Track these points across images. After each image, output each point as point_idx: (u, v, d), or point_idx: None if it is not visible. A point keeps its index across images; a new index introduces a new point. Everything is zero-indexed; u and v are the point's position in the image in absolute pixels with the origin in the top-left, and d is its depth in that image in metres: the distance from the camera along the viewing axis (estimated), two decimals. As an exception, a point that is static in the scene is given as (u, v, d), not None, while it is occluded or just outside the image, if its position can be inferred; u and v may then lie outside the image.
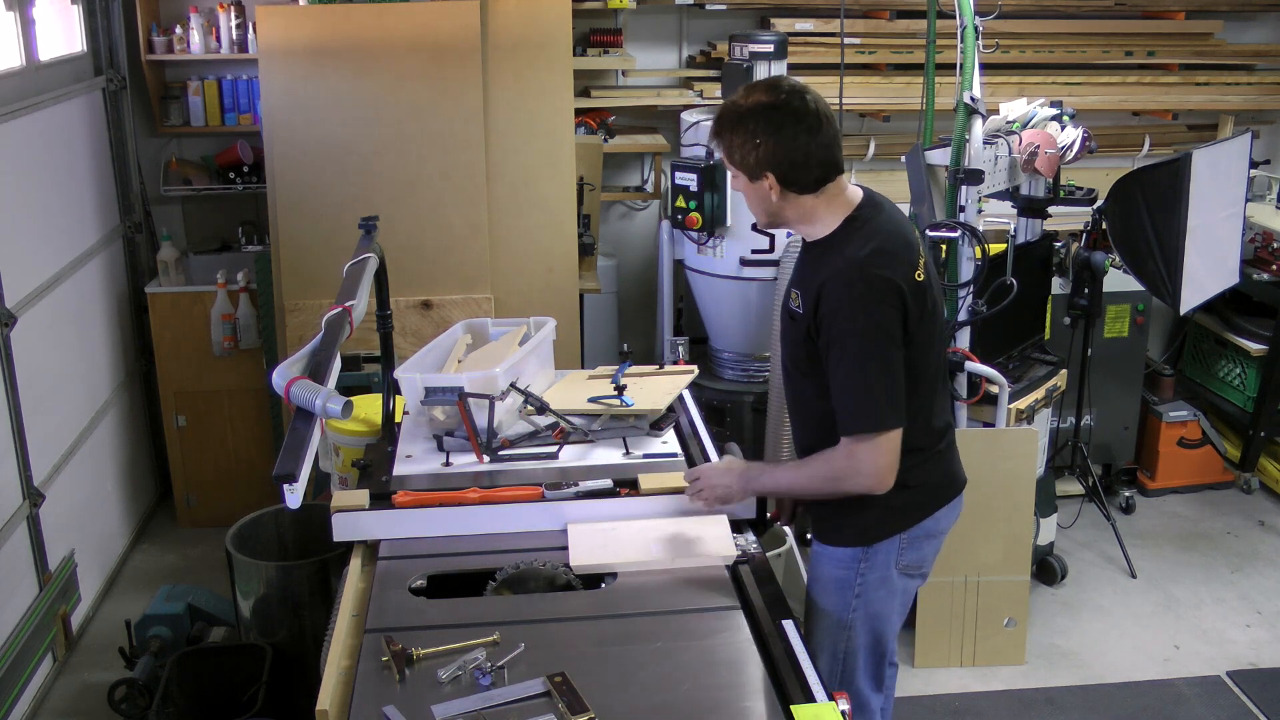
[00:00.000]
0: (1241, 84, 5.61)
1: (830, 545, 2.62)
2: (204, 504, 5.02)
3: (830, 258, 2.42)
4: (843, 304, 2.35)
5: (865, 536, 2.57)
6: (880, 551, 2.58)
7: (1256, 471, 5.37)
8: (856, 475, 2.40)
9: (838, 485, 2.45)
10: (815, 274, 2.42)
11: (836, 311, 2.36)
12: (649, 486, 2.76)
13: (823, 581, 2.65)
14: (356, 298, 2.65)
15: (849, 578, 2.60)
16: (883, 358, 2.36)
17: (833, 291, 2.36)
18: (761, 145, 2.37)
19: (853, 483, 2.42)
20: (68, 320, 4.36)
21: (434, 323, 4.55)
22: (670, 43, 5.43)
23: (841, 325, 2.36)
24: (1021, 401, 4.11)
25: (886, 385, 2.36)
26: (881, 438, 2.37)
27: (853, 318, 2.34)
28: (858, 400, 2.37)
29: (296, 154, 4.48)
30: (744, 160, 2.41)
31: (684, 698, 2.07)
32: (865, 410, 2.37)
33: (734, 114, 2.41)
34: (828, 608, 2.64)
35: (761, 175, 2.40)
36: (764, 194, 2.43)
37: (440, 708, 2.01)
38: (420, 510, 2.69)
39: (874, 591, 2.61)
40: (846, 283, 2.35)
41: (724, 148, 2.45)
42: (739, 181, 2.47)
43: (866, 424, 2.37)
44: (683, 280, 4.94)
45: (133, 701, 3.45)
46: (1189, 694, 3.93)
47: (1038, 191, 4.34)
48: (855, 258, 2.37)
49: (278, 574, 3.34)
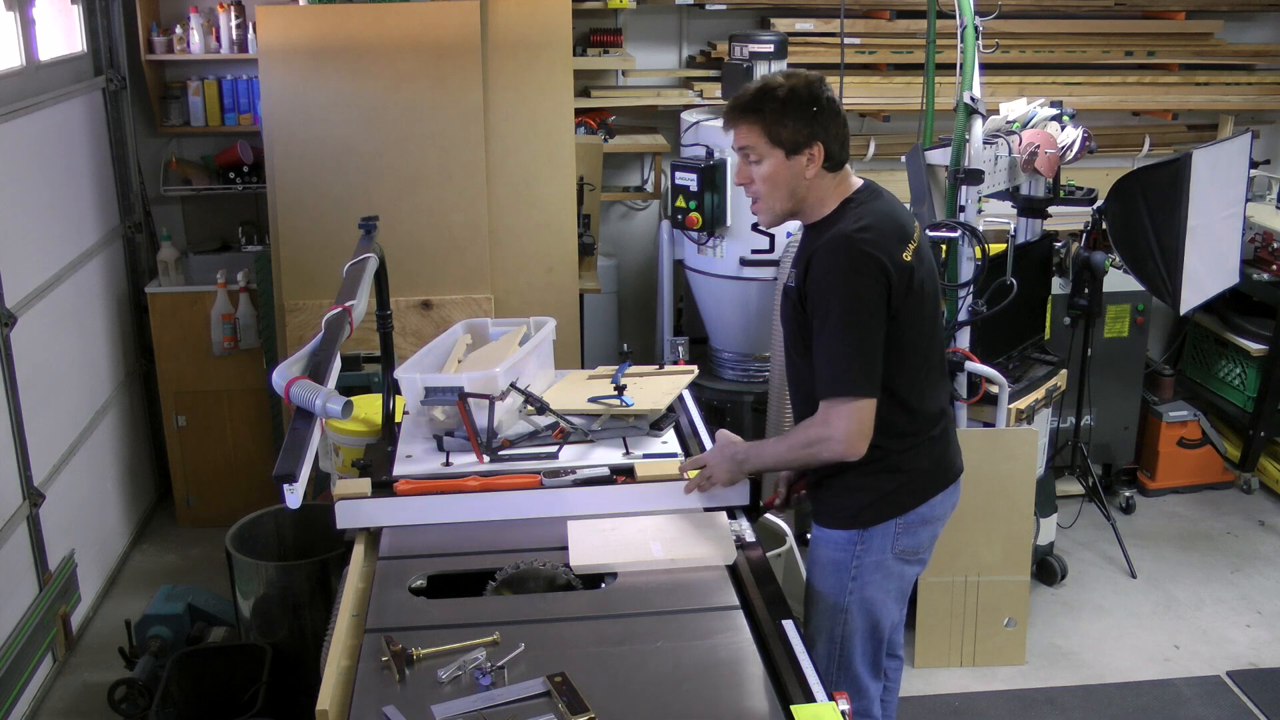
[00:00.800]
0: (1241, 84, 5.61)
1: (828, 528, 2.69)
2: (204, 504, 5.02)
3: (825, 233, 2.51)
4: (828, 273, 2.45)
5: (861, 519, 2.64)
6: (876, 535, 2.65)
7: (1256, 471, 5.37)
8: (830, 440, 2.48)
9: (813, 451, 2.52)
10: (813, 245, 2.53)
11: (821, 279, 2.46)
12: (645, 474, 2.80)
13: (821, 564, 2.71)
14: (356, 298, 2.65)
15: (845, 560, 2.66)
16: (862, 328, 2.44)
17: (819, 261, 2.47)
18: (816, 119, 2.48)
19: (827, 448, 2.49)
20: (68, 320, 4.36)
21: (434, 323, 4.55)
22: (670, 43, 5.43)
23: (825, 293, 2.45)
24: (1021, 401, 4.11)
25: (863, 354, 2.45)
26: (855, 404, 2.45)
27: (835, 287, 2.45)
28: (835, 366, 2.46)
29: (296, 154, 4.48)
30: (793, 134, 2.47)
31: (684, 698, 2.07)
32: (840, 375, 2.45)
33: (784, 91, 2.48)
34: (824, 590, 2.70)
35: (809, 148, 2.48)
36: (798, 170, 2.50)
37: (440, 708, 2.01)
38: (421, 498, 2.72)
39: (869, 575, 2.67)
40: (832, 253, 2.45)
41: (764, 124, 2.48)
42: (770, 163, 2.50)
43: (840, 388, 2.45)
44: (683, 280, 4.95)
45: (133, 701, 3.45)
46: (1189, 694, 3.93)
47: (1038, 191, 4.34)
48: (844, 231, 2.47)
49: (278, 574, 3.34)
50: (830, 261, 2.45)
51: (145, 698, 3.43)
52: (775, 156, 2.50)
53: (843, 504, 2.65)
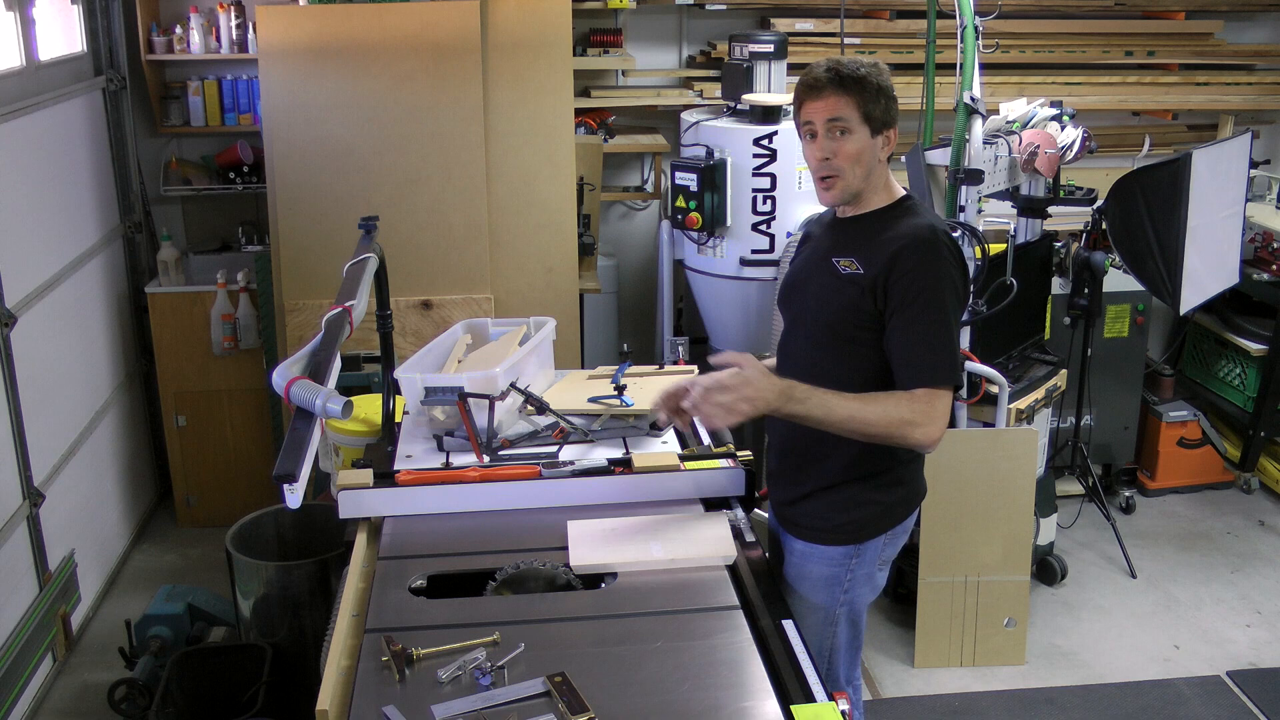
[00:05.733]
0: (1241, 84, 5.61)
1: (822, 545, 2.65)
2: (204, 504, 5.02)
3: (899, 226, 2.50)
4: (930, 264, 2.44)
5: (860, 534, 2.63)
6: (870, 548, 2.65)
7: (1256, 471, 5.37)
8: (927, 424, 2.41)
9: (903, 431, 2.41)
10: (879, 239, 2.49)
11: (919, 270, 2.43)
12: (643, 465, 2.81)
13: (811, 580, 2.68)
14: (356, 298, 2.65)
15: (839, 575, 2.65)
16: (954, 322, 2.48)
17: (915, 253, 2.44)
18: (895, 104, 2.52)
19: (920, 431, 2.41)
20: (68, 320, 4.36)
21: (434, 323, 4.55)
22: (670, 43, 5.43)
23: (924, 284, 2.43)
24: (1021, 401, 4.11)
25: (957, 346, 2.49)
26: (948, 395, 2.45)
27: (937, 278, 2.44)
28: (940, 353, 2.44)
29: (296, 154, 4.48)
30: (885, 113, 2.49)
31: (684, 698, 2.07)
32: (942, 364, 2.44)
33: (875, 74, 2.49)
34: (816, 604, 2.69)
35: (889, 130, 2.51)
36: (876, 151, 2.51)
37: (440, 708, 2.01)
38: (422, 488, 2.74)
39: (860, 587, 2.68)
40: (932, 246, 2.45)
41: (862, 98, 2.46)
42: (857, 138, 2.47)
43: (946, 376, 2.44)
44: (683, 280, 4.95)
45: (133, 701, 3.45)
46: (1189, 694, 3.93)
47: (1038, 191, 4.34)
48: (936, 227, 2.50)
49: (278, 574, 3.35)
50: (932, 254, 2.45)
51: (145, 698, 3.43)
52: (863, 133, 2.48)
53: (844, 519, 2.62)
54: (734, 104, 4.66)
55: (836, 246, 2.58)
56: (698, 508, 2.76)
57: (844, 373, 2.52)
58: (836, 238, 2.61)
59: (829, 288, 2.55)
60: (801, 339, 2.64)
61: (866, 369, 2.51)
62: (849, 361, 2.53)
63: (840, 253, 2.55)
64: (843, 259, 2.54)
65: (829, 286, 2.55)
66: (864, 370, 2.52)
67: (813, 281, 2.62)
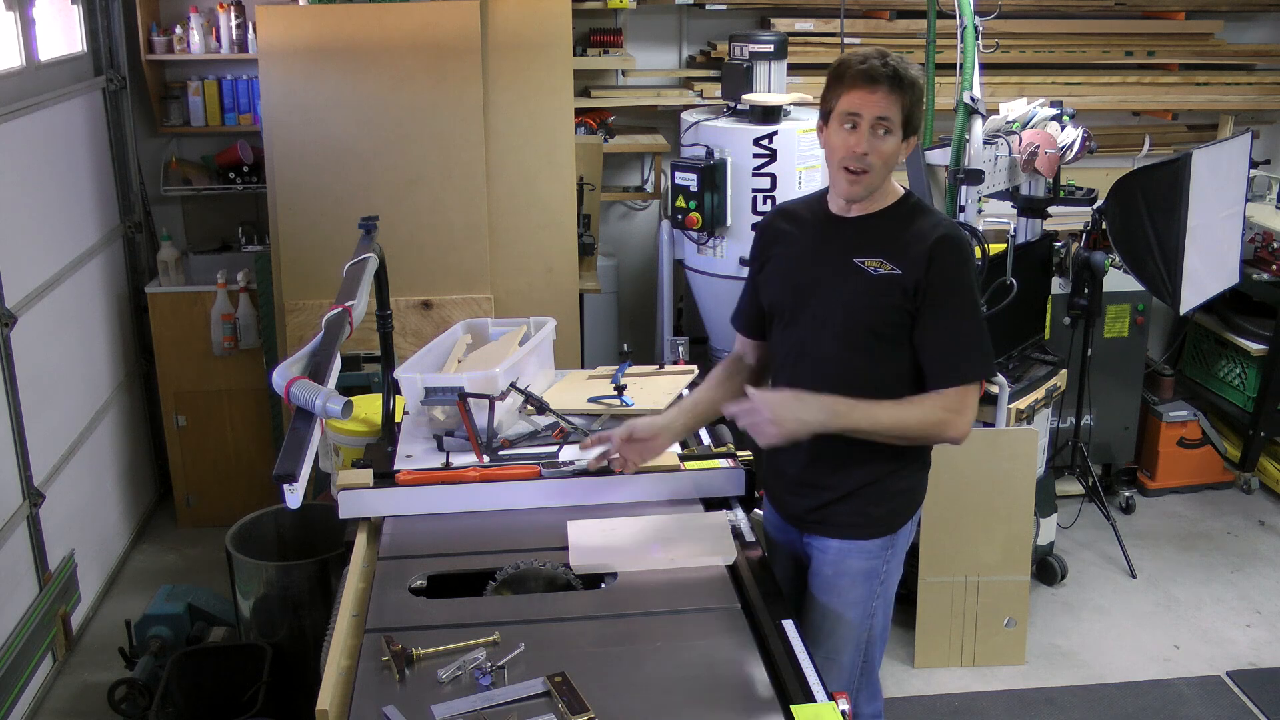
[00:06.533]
0: (1241, 84, 5.61)
1: (859, 539, 2.64)
2: (204, 504, 5.02)
3: (918, 224, 2.51)
4: (963, 263, 2.50)
5: (895, 523, 2.65)
6: (902, 535, 2.68)
7: (1256, 471, 5.37)
8: (955, 422, 2.48)
9: (939, 431, 2.49)
10: (904, 237, 2.49)
11: (956, 268, 2.48)
12: (643, 465, 2.78)
13: (850, 576, 2.66)
14: (356, 298, 2.65)
15: (877, 568, 2.66)
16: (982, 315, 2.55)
17: (951, 252, 2.48)
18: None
19: (954, 428, 2.48)
20: (68, 320, 4.36)
21: (434, 323, 4.55)
22: (670, 43, 5.43)
23: (959, 281, 2.48)
24: (1021, 401, 4.11)
25: (988, 338, 2.52)
26: (977, 388, 2.52)
27: (969, 276, 2.51)
28: (973, 350, 2.48)
29: (296, 154, 4.48)
30: (916, 119, 2.49)
31: (684, 698, 2.07)
32: (979, 360, 2.49)
33: (921, 78, 2.49)
34: (853, 601, 2.66)
35: (915, 136, 2.50)
36: (901, 153, 2.51)
37: (440, 708, 2.01)
38: (422, 488, 2.75)
39: (893, 575, 2.71)
40: (961, 244, 2.51)
41: (908, 101, 2.44)
42: (894, 139, 2.44)
43: (980, 370, 2.50)
44: (683, 280, 4.95)
45: (133, 701, 3.45)
46: (1189, 694, 3.93)
47: (1038, 191, 4.34)
48: (955, 224, 2.58)
49: (278, 574, 3.35)
50: (962, 252, 2.50)
51: (145, 698, 3.43)
52: (899, 135, 2.46)
53: (882, 511, 2.62)
54: (734, 104, 4.66)
55: (856, 247, 2.52)
56: (698, 508, 2.76)
57: (880, 373, 2.51)
58: (849, 237, 2.54)
59: (862, 290, 2.50)
60: (829, 341, 2.54)
61: (902, 368, 2.52)
62: (885, 362, 2.51)
63: (863, 253, 2.50)
64: (869, 259, 2.49)
65: (862, 289, 2.50)
66: (899, 369, 2.51)
67: (835, 283, 2.53)
